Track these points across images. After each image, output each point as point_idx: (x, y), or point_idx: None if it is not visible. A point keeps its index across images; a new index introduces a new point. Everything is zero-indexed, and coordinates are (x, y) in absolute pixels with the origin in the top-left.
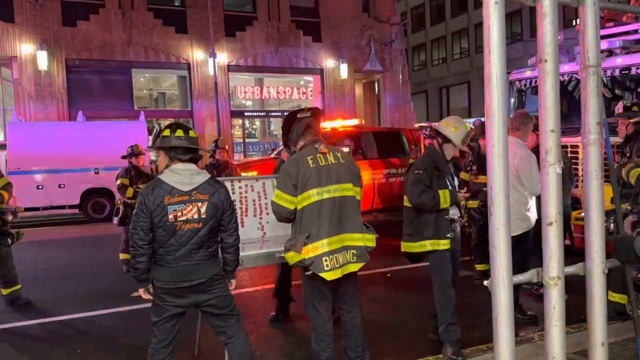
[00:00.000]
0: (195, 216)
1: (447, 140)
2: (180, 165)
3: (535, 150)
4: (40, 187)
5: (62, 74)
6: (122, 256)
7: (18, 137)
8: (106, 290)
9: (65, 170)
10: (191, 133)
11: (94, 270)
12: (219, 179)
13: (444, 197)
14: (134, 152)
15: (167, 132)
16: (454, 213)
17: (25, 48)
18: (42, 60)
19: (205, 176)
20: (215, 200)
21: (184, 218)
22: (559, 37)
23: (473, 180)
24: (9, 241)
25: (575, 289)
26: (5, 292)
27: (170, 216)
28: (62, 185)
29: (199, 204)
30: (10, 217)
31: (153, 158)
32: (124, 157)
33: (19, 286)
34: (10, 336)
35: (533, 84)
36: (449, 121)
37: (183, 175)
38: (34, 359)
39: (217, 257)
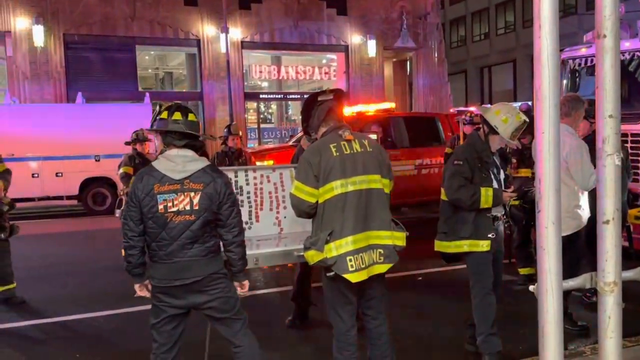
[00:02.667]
0: (187, 207)
1: (493, 131)
2: (174, 151)
3: (587, 139)
4: (36, 175)
5: (59, 51)
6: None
7: (11, 120)
8: (107, 289)
9: (62, 157)
10: (191, 117)
11: (95, 267)
12: (230, 168)
13: (486, 196)
14: (139, 138)
15: (164, 115)
16: (497, 210)
17: (20, 22)
18: (38, 35)
19: (201, 164)
20: (210, 190)
21: (174, 209)
22: (620, 10)
23: (513, 175)
24: (2, 235)
25: (633, 296)
26: None
27: (160, 206)
28: (60, 174)
29: (192, 194)
30: (5, 208)
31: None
32: (127, 144)
33: (14, 285)
34: (5, 337)
35: (589, 64)
36: (500, 109)
37: (176, 162)
38: None
39: (216, 254)
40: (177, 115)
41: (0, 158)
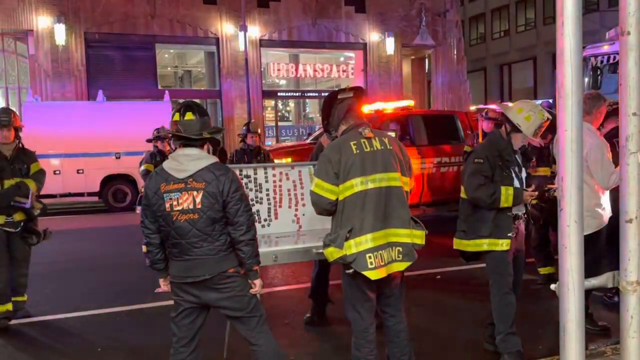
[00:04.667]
0: (191, 206)
1: (516, 129)
2: (180, 150)
3: (608, 136)
4: (58, 172)
5: (80, 50)
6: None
7: (34, 118)
8: (129, 285)
9: (84, 154)
10: (187, 116)
11: (115, 263)
12: (250, 165)
13: (506, 195)
14: (160, 136)
15: (176, 116)
16: (518, 209)
17: (42, 21)
18: (60, 34)
19: (205, 162)
20: (213, 189)
21: (179, 208)
22: None
23: (532, 173)
24: (35, 239)
25: None
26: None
27: (167, 205)
28: (81, 171)
29: (194, 192)
30: (37, 213)
31: None
32: (149, 141)
33: (25, 297)
34: (27, 331)
35: (612, 61)
36: (522, 107)
37: (179, 162)
38: (51, 356)
39: (228, 252)
40: (176, 117)
41: (35, 156)
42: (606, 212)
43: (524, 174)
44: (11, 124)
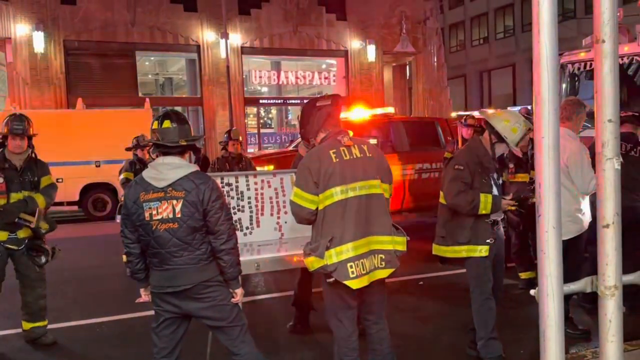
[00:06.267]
0: (170, 215)
1: (502, 139)
2: (160, 159)
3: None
4: None
5: (60, 57)
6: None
7: None
8: (109, 295)
9: (63, 163)
10: (166, 124)
11: (95, 273)
12: (231, 173)
13: (485, 203)
14: (140, 144)
15: (154, 125)
16: (496, 215)
17: (20, 29)
18: (39, 42)
19: (184, 171)
20: (193, 198)
21: (159, 217)
22: (619, 14)
23: (510, 180)
24: (43, 259)
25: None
26: (25, 326)
27: (146, 214)
28: (60, 180)
29: (174, 201)
30: (44, 231)
31: None
32: (128, 149)
33: (46, 322)
34: (5, 344)
35: (588, 68)
36: (509, 119)
37: (158, 171)
38: None
39: (209, 261)
40: (155, 125)
41: (48, 168)
42: (586, 217)
43: (500, 180)
44: (25, 133)
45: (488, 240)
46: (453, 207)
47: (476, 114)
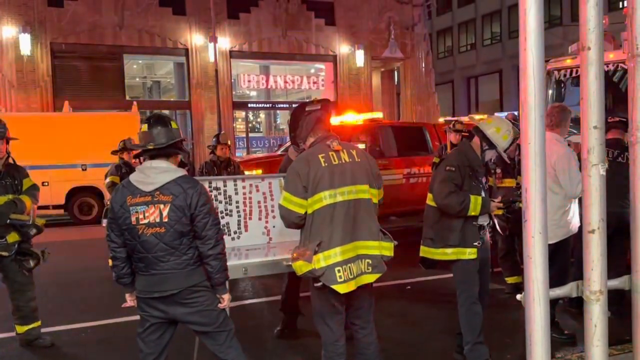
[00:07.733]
0: (157, 219)
1: (492, 146)
2: (148, 163)
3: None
4: None
5: (46, 60)
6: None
7: None
8: (94, 300)
9: (49, 166)
10: (143, 128)
11: (81, 277)
12: (219, 177)
13: (475, 204)
14: (126, 147)
15: (143, 128)
16: (483, 220)
17: (7, 31)
18: (25, 44)
19: (172, 175)
20: (180, 202)
21: (145, 221)
22: (604, 22)
23: (497, 185)
24: (32, 263)
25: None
26: (20, 330)
27: (133, 218)
28: (46, 183)
29: (161, 206)
30: (33, 232)
31: None
32: (114, 153)
33: (39, 323)
34: None
35: (574, 74)
36: (500, 126)
37: (146, 174)
38: None
39: (196, 266)
40: (144, 128)
41: (26, 171)
42: (574, 221)
43: (487, 185)
44: (3, 137)
45: (475, 243)
46: (443, 208)
47: (465, 119)
